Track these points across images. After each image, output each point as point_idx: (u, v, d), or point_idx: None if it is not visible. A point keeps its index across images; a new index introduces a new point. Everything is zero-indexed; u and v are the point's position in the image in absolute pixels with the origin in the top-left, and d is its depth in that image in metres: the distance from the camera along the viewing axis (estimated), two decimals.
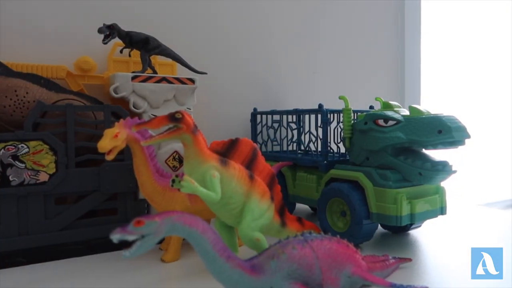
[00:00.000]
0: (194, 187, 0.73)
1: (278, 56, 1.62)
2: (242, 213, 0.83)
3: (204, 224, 0.59)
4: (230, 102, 1.49)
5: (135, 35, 1.11)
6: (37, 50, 1.16)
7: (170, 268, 0.91)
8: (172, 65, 1.31)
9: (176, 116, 0.77)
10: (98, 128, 1.04)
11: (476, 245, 0.94)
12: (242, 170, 0.84)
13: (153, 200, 0.95)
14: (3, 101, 0.97)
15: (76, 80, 1.17)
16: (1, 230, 0.91)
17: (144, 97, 1.09)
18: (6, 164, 0.91)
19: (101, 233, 1.01)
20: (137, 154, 0.92)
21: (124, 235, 0.53)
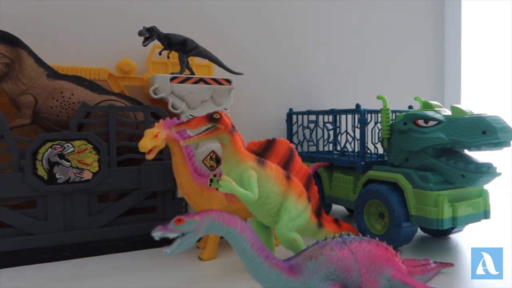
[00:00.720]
0: (232, 187, 0.74)
1: (313, 55, 1.61)
2: (279, 213, 0.83)
3: (243, 223, 0.59)
4: (266, 102, 1.49)
5: (174, 37, 1.14)
6: (81, 53, 1.21)
7: (208, 266, 0.92)
8: (209, 66, 1.33)
9: (214, 117, 0.78)
10: (138, 128, 1.07)
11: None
12: (279, 170, 0.84)
13: (191, 199, 0.96)
14: (50, 102, 1.01)
15: (117, 82, 1.21)
16: (48, 226, 0.96)
17: (182, 98, 1.11)
18: (53, 163, 0.95)
19: (140, 230, 1.04)
20: (176, 153, 0.94)
21: (165, 232, 0.54)
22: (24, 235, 0.94)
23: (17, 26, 1.06)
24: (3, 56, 0.96)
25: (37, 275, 0.87)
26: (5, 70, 0.98)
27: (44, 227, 0.95)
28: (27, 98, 0.99)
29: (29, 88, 0.99)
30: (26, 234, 0.94)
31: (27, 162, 0.93)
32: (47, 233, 0.95)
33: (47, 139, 0.95)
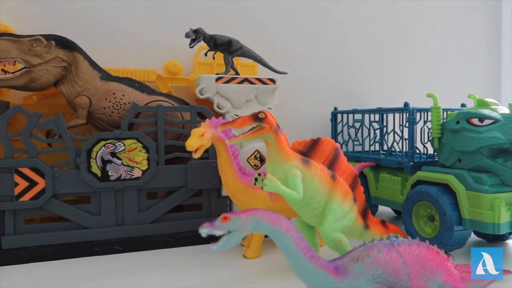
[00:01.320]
0: (277, 186, 0.74)
1: (358, 53, 1.57)
2: (324, 213, 0.83)
3: (288, 223, 0.59)
4: (310, 101, 1.48)
5: (219, 38, 1.16)
6: (131, 56, 1.26)
7: (252, 265, 0.93)
8: (254, 66, 1.34)
9: (259, 116, 0.78)
10: (184, 128, 1.10)
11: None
12: (324, 170, 0.83)
13: (236, 198, 0.98)
14: (104, 103, 1.06)
15: (165, 83, 1.25)
16: (102, 220, 1.00)
17: (227, 98, 1.12)
18: (106, 161, 1.00)
19: (187, 227, 1.07)
20: (221, 153, 0.95)
21: (212, 229, 0.56)
22: (80, 228, 0.99)
23: (72, 31, 1.12)
24: (61, 60, 1.02)
25: (92, 267, 0.92)
26: (63, 73, 1.03)
27: (98, 222, 1.00)
28: (82, 99, 1.04)
29: (84, 90, 1.05)
30: (82, 228, 0.99)
31: (82, 160, 0.98)
32: (100, 227, 1.00)
33: (101, 138, 1.00)
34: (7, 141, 0.95)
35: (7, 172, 0.94)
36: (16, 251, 0.94)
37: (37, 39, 0.99)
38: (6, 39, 0.98)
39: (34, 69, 1.00)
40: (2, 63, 0.98)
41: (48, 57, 1.00)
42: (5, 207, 0.94)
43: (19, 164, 0.94)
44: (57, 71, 1.02)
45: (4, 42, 0.97)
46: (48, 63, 1.01)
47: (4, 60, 0.97)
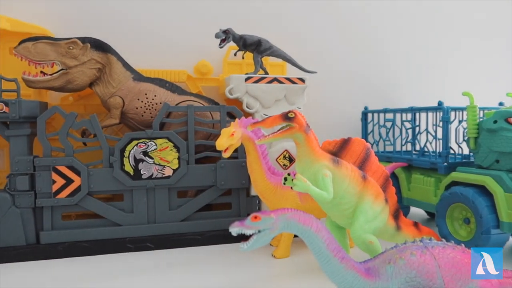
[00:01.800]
0: (306, 186, 0.74)
1: (390, 52, 1.54)
2: (355, 214, 0.81)
3: (318, 223, 0.59)
4: (340, 100, 1.46)
5: (249, 38, 1.16)
6: (162, 57, 1.28)
7: (281, 264, 0.93)
8: (283, 65, 1.34)
9: (289, 115, 0.78)
10: (214, 127, 1.11)
11: None
12: (354, 170, 0.82)
13: (265, 197, 0.98)
14: (136, 103, 1.09)
15: (195, 83, 1.27)
16: (134, 218, 1.03)
17: (257, 98, 1.13)
18: (138, 159, 1.02)
19: (216, 225, 1.08)
20: (251, 152, 0.96)
21: (242, 228, 0.56)
22: (114, 225, 1.02)
23: (106, 33, 1.15)
24: (96, 62, 1.06)
25: (124, 263, 0.94)
26: (98, 74, 1.07)
27: (130, 219, 1.03)
28: (116, 99, 1.07)
29: (118, 91, 1.08)
30: (115, 225, 1.02)
31: (116, 158, 1.01)
32: (133, 224, 1.03)
33: (133, 137, 1.02)
34: (46, 140, 0.99)
35: (45, 170, 0.97)
36: (53, 246, 0.97)
37: (73, 41, 1.03)
38: (45, 42, 1.01)
39: (71, 70, 1.03)
40: (41, 65, 1.02)
41: (84, 59, 1.04)
42: (43, 204, 0.98)
43: (56, 162, 0.98)
44: (92, 73, 1.05)
45: (43, 45, 1.01)
46: (84, 65, 1.04)
47: (43, 63, 1.01)
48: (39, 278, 0.86)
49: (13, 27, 1.09)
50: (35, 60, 1.01)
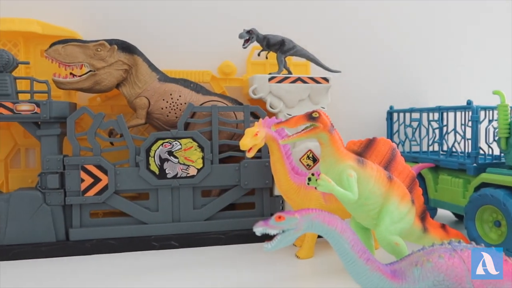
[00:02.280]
0: (331, 186, 0.73)
1: (416, 50, 1.51)
2: (380, 215, 0.80)
3: (343, 224, 0.58)
4: (364, 100, 1.44)
5: (272, 38, 1.16)
6: (187, 57, 1.30)
7: (304, 265, 0.92)
8: (306, 65, 1.33)
9: (313, 115, 0.78)
10: (238, 127, 1.12)
11: None
12: (380, 170, 0.81)
13: (288, 197, 0.98)
14: (161, 103, 1.10)
15: (219, 83, 1.27)
16: (159, 216, 1.05)
17: (280, 97, 1.13)
18: (163, 159, 1.04)
19: (239, 225, 1.08)
20: (274, 152, 0.96)
21: (266, 228, 0.56)
22: (139, 224, 1.04)
23: (132, 35, 1.17)
24: (123, 63, 1.08)
25: (149, 260, 0.96)
26: (124, 75, 1.09)
27: (155, 218, 1.04)
28: (142, 100, 1.09)
29: (144, 91, 1.10)
30: (141, 223, 1.04)
31: (142, 158, 1.03)
32: (158, 223, 1.04)
33: (159, 137, 1.04)
34: (75, 140, 1.01)
35: (74, 169, 1.00)
36: (82, 243, 1.00)
37: (101, 44, 1.05)
38: (74, 45, 1.04)
39: (98, 72, 1.06)
40: (70, 67, 1.05)
41: (111, 61, 1.06)
42: (72, 202, 1.00)
43: (85, 161, 1.01)
44: (119, 74, 1.08)
45: (72, 48, 1.04)
46: (111, 66, 1.06)
47: (72, 65, 1.04)
48: (68, 274, 0.88)
49: (44, 31, 1.12)
50: (65, 62, 1.04)
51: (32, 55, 1.14)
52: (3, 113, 0.97)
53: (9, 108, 0.97)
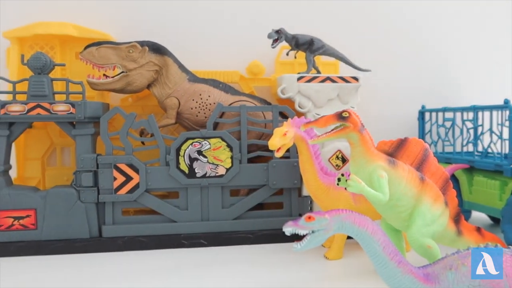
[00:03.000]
0: (361, 187, 0.72)
1: (448, 48, 1.47)
2: (412, 217, 0.79)
3: (374, 225, 0.57)
4: (395, 99, 1.42)
5: (301, 37, 1.16)
6: (216, 58, 1.31)
7: (333, 266, 0.91)
8: (335, 64, 1.32)
9: (343, 115, 0.77)
10: (266, 127, 1.12)
11: None
12: (412, 171, 0.79)
13: (317, 198, 0.97)
14: (191, 104, 1.12)
15: (248, 83, 1.28)
16: (189, 215, 1.06)
17: (309, 97, 1.12)
18: (192, 158, 1.05)
19: (268, 225, 1.08)
20: (303, 152, 0.95)
21: (296, 228, 0.56)
22: (169, 222, 1.06)
23: (162, 36, 1.19)
24: (154, 64, 1.10)
25: (179, 258, 0.97)
26: (155, 76, 1.11)
27: (185, 216, 1.06)
28: (172, 100, 1.11)
29: (174, 92, 1.11)
30: (171, 221, 1.06)
31: (172, 157, 1.04)
32: (187, 221, 1.06)
33: (188, 137, 1.05)
34: (108, 139, 1.04)
35: (107, 167, 1.03)
36: (114, 240, 1.03)
37: (133, 45, 1.08)
38: (107, 47, 1.07)
39: (130, 73, 1.08)
40: (104, 68, 1.07)
41: (142, 62, 1.09)
42: (105, 199, 1.03)
43: (117, 160, 1.03)
44: (150, 75, 1.10)
45: (105, 50, 1.07)
46: (142, 67, 1.09)
47: (106, 66, 1.07)
48: (101, 270, 0.91)
49: (79, 34, 1.16)
50: (99, 63, 1.07)
51: (67, 57, 1.18)
52: (40, 113, 1.01)
53: (46, 109, 1.01)
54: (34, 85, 1.02)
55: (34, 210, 1.00)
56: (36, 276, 0.87)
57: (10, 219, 1.00)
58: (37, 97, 1.02)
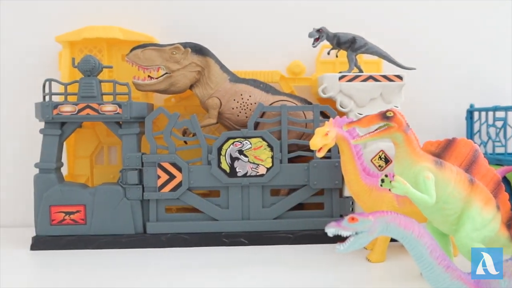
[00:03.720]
0: (406, 188, 0.70)
1: (498, 43, 1.39)
2: (460, 220, 0.75)
3: (420, 228, 0.56)
4: (442, 98, 1.36)
5: (343, 36, 1.14)
6: (256, 58, 1.32)
7: (375, 269, 0.90)
8: (378, 63, 1.29)
9: (388, 115, 0.75)
10: (307, 127, 1.11)
11: None
12: (460, 173, 0.76)
13: (359, 199, 0.95)
14: (232, 104, 1.13)
15: (288, 83, 1.28)
16: (230, 214, 1.07)
17: (351, 96, 1.10)
18: (234, 158, 1.06)
19: (308, 225, 1.08)
20: (345, 152, 0.94)
21: (339, 229, 0.55)
22: (210, 220, 1.08)
23: (203, 37, 1.21)
24: (196, 65, 1.12)
25: (220, 256, 0.99)
26: (197, 77, 1.13)
27: (226, 215, 1.07)
28: (214, 100, 1.13)
29: (215, 92, 1.13)
30: (212, 219, 1.08)
31: (214, 156, 1.06)
32: (228, 220, 1.07)
33: (229, 136, 1.07)
34: (152, 139, 1.07)
35: (152, 166, 1.06)
36: (157, 236, 1.06)
37: (176, 47, 1.11)
38: (152, 49, 1.11)
39: (173, 74, 1.11)
40: (148, 70, 1.11)
41: (185, 63, 1.11)
42: (149, 197, 1.06)
43: (161, 159, 1.06)
44: (193, 75, 1.12)
45: (150, 52, 1.10)
46: (185, 68, 1.11)
47: (150, 68, 1.11)
48: (146, 265, 0.94)
49: (125, 36, 1.20)
50: (144, 65, 1.10)
51: (114, 60, 1.23)
52: (90, 113, 1.05)
53: (95, 109, 1.05)
54: (84, 87, 1.07)
55: (83, 206, 1.05)
56: (85, 269, 0.91)
57: (62, 214, 1.05)
58: (86, 98, 1.06)
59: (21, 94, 1.26)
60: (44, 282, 0.87)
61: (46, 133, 1.07)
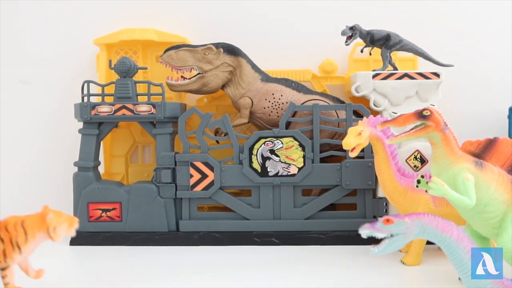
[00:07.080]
0: (444, 190, 0.68)
1: None
2: (503, 224, 0.72)
3: (460, 231, 0.54)
4: (481, 95, 1.31)
5: (377, 33, 1.12)
6: (288, 57, 1.31)
7: (410, 272, 0.88)
8: (413, 60, 1.25)
9: (424, 114, 0.73)
10: (339, 126, 1.10)
11: None
12: (502, 174, 0.73)
13: (394, 200, 0.93)
14: (264, 103, 1.13)
15: (320, 82, 1.26)
16: (261, 213, 1.08)
17: (385, 95, 1.08)
18: (265, 157, 1.06)
19: (340, 226, 1.06)
20: (379, 152, 0.92)
21: (373, 231, 0.54)
22: (242, 219, 1.08)
23: (235, 37, 1.22)
24: (228, 65, 1.13)
25: (251, 255, 0.99)
26: (229, 77, 1.14)
27: (257, 214, 1.08)
28: (245, 100, 1.13)
29: (247, 92, 1.13)
30: (243, 218, 1.08)
31: (245, 156, 1.07)
32: (259, 219, 1.07)
33: (261, 136, 1.07)
34: (185, 138, 1.09)
35: (184, 165, 1.08)
36: (190, 234, 1.07)
37: (208, 47, 1.12)
38: (185, 50, 1.12)
39: (206, 74, 1.12)
40: (181, 70, 1.13)
41: (217, 63, 1.12)
42: (182, 195, 1.08)
43: (194, 158, 1.08)
44: (225, 75, 1.13)
45: (183, 53, 1.12)
46: (217, 69, 1.12)
47: (183, 68, 1.12)
48: (179, 262, 0.96)
49: (160, 38, 1.23)
50: (177, 66, 1.12)
51: (148, 61, 1.26)
52: (125, 114, 1.08)
53: (131, 109, 1.08)
54: (120, 88, 1.10)
55: (119, 204, 1.08)
56: (120, 264, 0.94)
57: (99, 211, 1.08)
58: (122, 98, 1.09)
59: (62, 95, 1.31)
60: (82, 275, 0.90)
61: (85, 132, 1.10)
